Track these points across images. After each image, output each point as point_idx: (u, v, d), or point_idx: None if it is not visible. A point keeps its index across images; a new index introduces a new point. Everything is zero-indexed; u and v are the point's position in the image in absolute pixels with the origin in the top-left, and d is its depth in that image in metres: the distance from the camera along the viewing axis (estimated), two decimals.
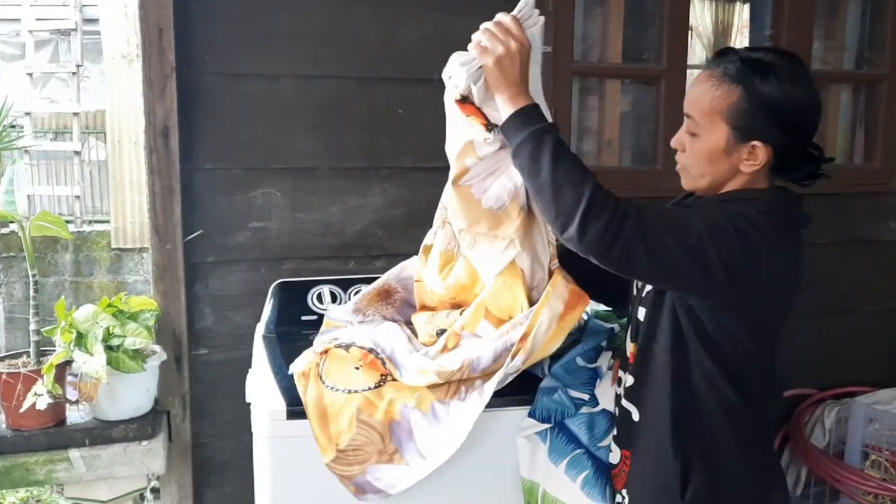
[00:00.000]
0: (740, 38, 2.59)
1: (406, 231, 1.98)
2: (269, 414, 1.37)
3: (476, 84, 1.23)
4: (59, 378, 1.64)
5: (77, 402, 1.71)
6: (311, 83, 1.89)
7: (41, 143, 6.41)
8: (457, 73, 1.26)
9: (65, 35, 6.54)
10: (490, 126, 1.27)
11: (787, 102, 1.15)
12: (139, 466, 1.71)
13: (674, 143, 1.26)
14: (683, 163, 1.26)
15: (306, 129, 1.90)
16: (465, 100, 1.27)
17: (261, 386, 1.46)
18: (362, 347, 1.41)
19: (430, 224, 2.03)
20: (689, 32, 2.23)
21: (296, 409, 1.37)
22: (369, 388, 1.33)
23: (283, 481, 1.38)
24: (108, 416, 1.71)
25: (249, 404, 1.46)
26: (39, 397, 1.59)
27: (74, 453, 1.67)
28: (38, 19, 6.33)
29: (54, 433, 1.67)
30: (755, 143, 1.17)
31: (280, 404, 1.38)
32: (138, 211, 5.60)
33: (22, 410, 1.61)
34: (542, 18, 1.28)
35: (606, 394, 1.40)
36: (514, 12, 1.25)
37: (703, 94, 1.20)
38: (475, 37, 1.23)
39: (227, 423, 1.93)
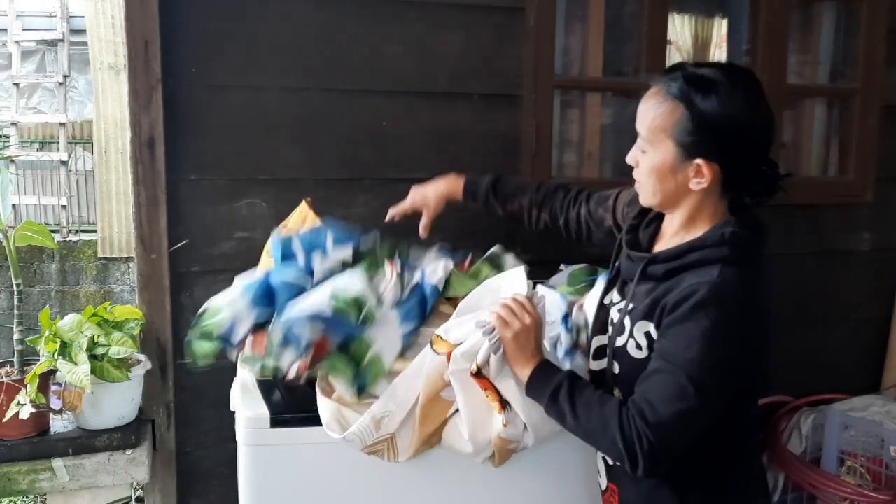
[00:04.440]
0: (718, 53, 2.64)
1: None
2: (252, 422, 1.39)
3: (496, 353, 1.28)
4: (43, 387, 1.64)
5: (61, 411, 1.72)
6: (296, 95, 1.91)
7: (28, 152, 6.39)
8: (476, 341, 1.29)
9: (52, 45, 6.54)
10: (504, 405, 1.32)
11: (728, 120, 1.15)
12: (123, 476, 1.71)
13: (628, 159, 1.28)
14: (638, 179, 1.28)
15: (291, 140, 1.92)
16: (479, 373, 1.30)
17: (245, 394, 1.47)
18: None
19: (413, 234, 2.05)
20: (668, 47, 2.28)
21: (279, 417, 1.39)
22: None
23: (267, 490, 1.40)
24: (91, 425, 1.71)
25: (234, 413, 1.47)
26: (23, 407, 1.59)
27: (58, 463, 1.67)
28: (24, 29, 6.32)
29: (37, 443, 1.67)
30: (699, 161, 1.17)
31: (264, 412, 1.39)
32: (125, 220, 5.58)
33: (5, 420, 1.61)
34: (545, 298, 1.39)
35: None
36: (525, 293, 1.34)
37: (648, 111, 1.21)
38: (494, 309, 1.29)
39: (212, 432, 1.94)
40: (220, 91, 1.86)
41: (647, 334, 1.21)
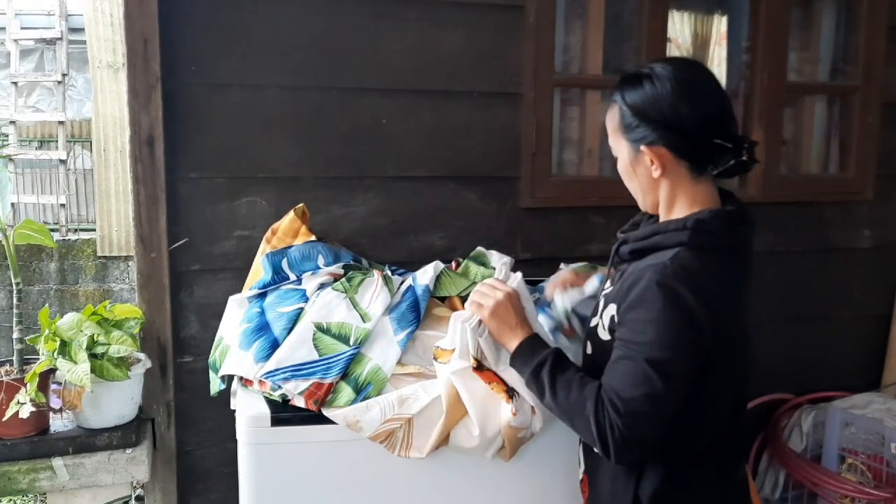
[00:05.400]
0: (718, 50, 2.63)
1: (390, 240, 2.00)
2: (253, 421, 1.39)
3: (482, 337, 1.31)
4: (43, 386, 1.64)
5: (60, 410, 1.72)
6: (295, 94, 1.91)
7: (26, 151, 6.39)
8: (462, 335, 1.32)
9: (50, 44, 6.53)
10: (511, 393, 1.33)
11: (653, 102, 1.20)
12: (123, 475, 1.71)
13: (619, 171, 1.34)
14: (627, 186, 1.34)
15: (290, 138, 1.92)
16: (480, 366, 1.31)
17: (245, 393, 1.47)
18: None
19: (413, 232, 2.06)
20: (668, 44, 2.27)
21: (280, 416, 1.39)
22: None
23: (268, 489, 1.40)
24: (91, 424, 1.71)
25: (234, 411, 1.47)
26: (22, 406, 1.58)
27: (58, 462, 1.67)
28: (23, 28, 6.31)
29: (37, 442, 1.67)
30: (643, 148, 1.22)
31: (264, 411, 1.39)
32: (124, 219, 5.58)
33: (4, 419, 1.61)
34: (519, 274, 1.42)
35: None
36: (496, 277, 1.42)
37: (607, 121, 1.30)
38: (469, 303, 1.35)
39: (212, 431, 1.94)
40: (220, 89, 1.86)
41: (612, 318, 1.24)
